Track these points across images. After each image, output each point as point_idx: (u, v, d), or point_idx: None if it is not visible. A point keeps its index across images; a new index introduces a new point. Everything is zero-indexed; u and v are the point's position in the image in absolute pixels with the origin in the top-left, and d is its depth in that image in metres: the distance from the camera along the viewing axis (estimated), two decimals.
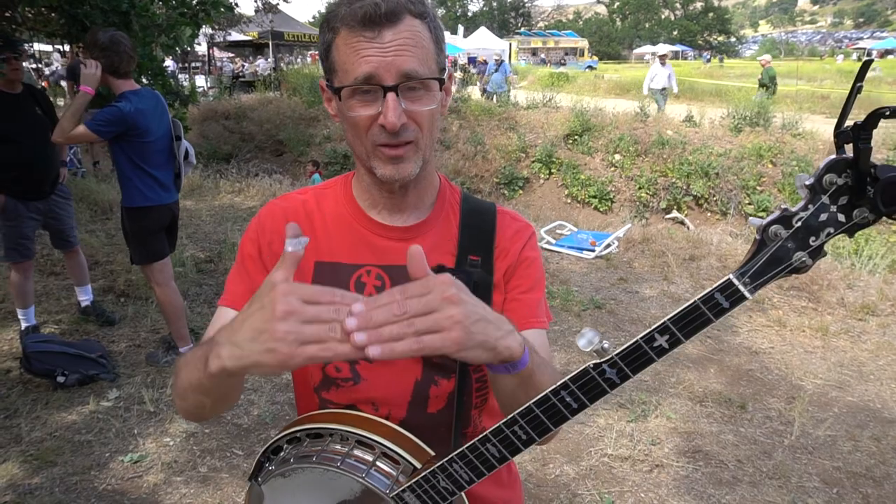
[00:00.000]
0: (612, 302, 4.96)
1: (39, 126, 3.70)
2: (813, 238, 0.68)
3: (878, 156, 10.39)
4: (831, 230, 0.67)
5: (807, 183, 0.68)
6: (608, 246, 6.24)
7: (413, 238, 1.00)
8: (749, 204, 10.01)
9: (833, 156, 0.67)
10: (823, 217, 0.67)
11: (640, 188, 10.64)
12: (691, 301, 0.70)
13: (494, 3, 72.08)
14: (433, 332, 0.68)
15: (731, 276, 0.69)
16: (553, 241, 6.49)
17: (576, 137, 11.65)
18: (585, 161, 11.30)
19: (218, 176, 9.08)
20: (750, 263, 0.69)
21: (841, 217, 0.67)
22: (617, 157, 11.15)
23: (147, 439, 3.06)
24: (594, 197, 10.69)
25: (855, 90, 0.67)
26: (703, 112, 12.84)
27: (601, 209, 10.63)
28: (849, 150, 0.66)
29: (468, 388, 1.01)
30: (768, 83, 14.22)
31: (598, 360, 0.76)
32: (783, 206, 0.69)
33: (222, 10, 5.09)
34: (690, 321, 0.70)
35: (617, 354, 0.74)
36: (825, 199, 0.67)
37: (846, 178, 0.66)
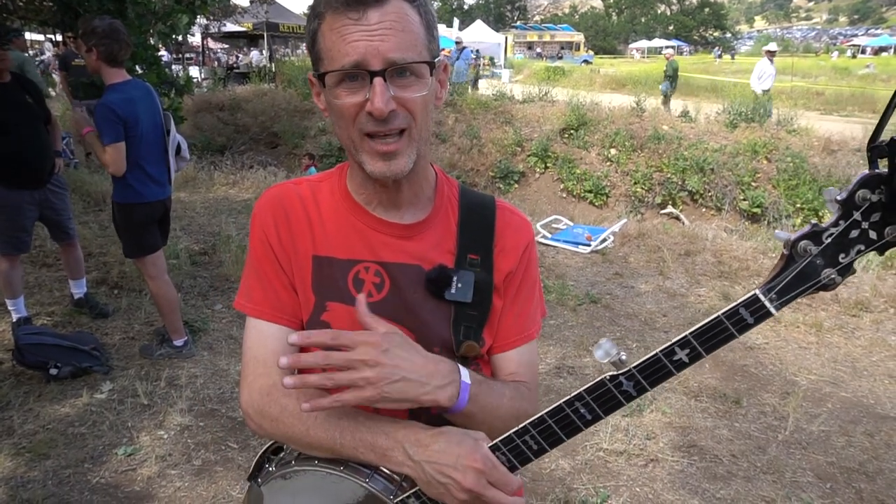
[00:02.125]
0: (608, 297, 4.96)
1: (29, 114, 3.65)
2: (843, 255, 0.66)
3: None
4: (862, 247, 0.65)
5: (838, 198, 0.66)
6: (604, 241, 6.24)
7: (413, 236, 0.98)
8: (744, 200, 10.04)
9: (867, 171, 0.65)
10: (854, 234, 0.66)
11: (635, 183, 10.64)
12: (714, 315, 0.69)
13: None
14: (350, 387, 0.79)
15: (756, 291, 0.67)
16: (549, 236, 6.48)
17: (572, 132, 11.64)
18: (581, 155, 11.29)
19: (212, 168, 9.02)
20: (778, 279, 0.67)
21: (873, 234, 0.65)
22: (613, 151, 11.15)
23: (141, 432, 3.04)
24: (590, 191, 10.68)
25: (893, 104, 0.65)
26: (699, 107, 12.85)
27: (597, 204, 10.63)
28: (883, 164, 0.64)
29: None
30: (672, 75, 15.84)
31: (615, 372, 0.75)
32: (813, 222, 0.68)
33: None
34: (713, 336, 0.69)
35: (635, 367, 0.74)
36: (857, 215, 0.65)
37: (880, 195, 0.64)
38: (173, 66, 17.30)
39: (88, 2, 4.28)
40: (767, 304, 0.67)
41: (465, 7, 69.80)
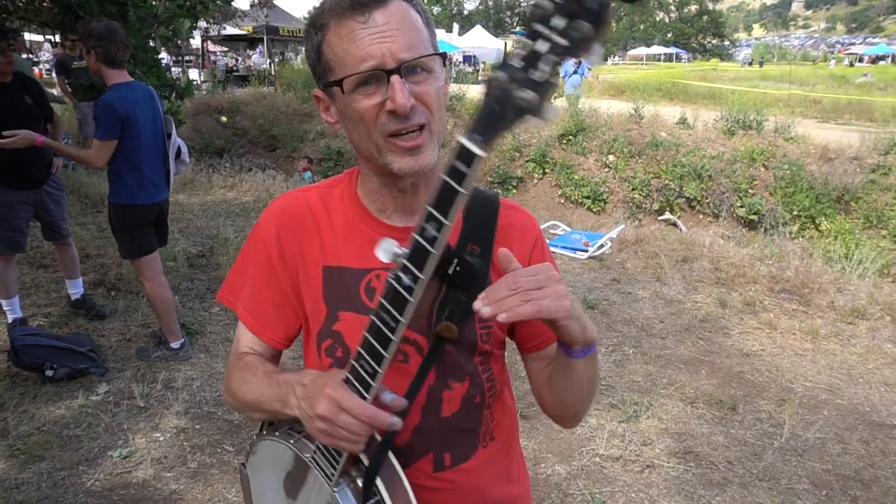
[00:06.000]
0: (605, 302, 4.97)
1: (29, 115, 3.65)
2: (534, 72, 0.59)
3: (870, 160, 10.49)
4: (553, 57, 0.58)
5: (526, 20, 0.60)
6: (601, 246, 6.25)
7: None
8: (741, 206, 10.07)
9: None
10: (543, 47, 0.59)
11: (633, 189, 10.67)
12: (440, 180, 0.68)
13: (490, 2, 72.07)
14: (547, 298, 0.79)
15: (460, 138, 0.65)
16: (546, 241, 6.49)
17: (570, 138, 11.66)
18: (579, 161, 11.32)
19: (210, 170, 9.02)
20: (479, 120, 0.64)
21: (561, 40, 0.58)
22: (611, 157, 11.18)
23: (136, 434, 3.03)
24: (588, 197, 10.70)
25: None
26: (697, 114, 12.90)
27: (594, 210, 10.65)
28: None
29: (480, 389, 1.00)
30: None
31: (394, 270, 0.75)
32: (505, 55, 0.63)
33: (219, 2, 5.05)
34: (444, 198, 0.68)
35: (404, 256, 0.74)
36: (538, 26, 0.58)
37: None
38: (173, 69, 17.32)
39: (89, 3, 4.28)
40: (472, 146, 0.64)
41: (465, 13, 70.03)
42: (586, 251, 6.12)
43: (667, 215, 10.21)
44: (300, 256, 0.99)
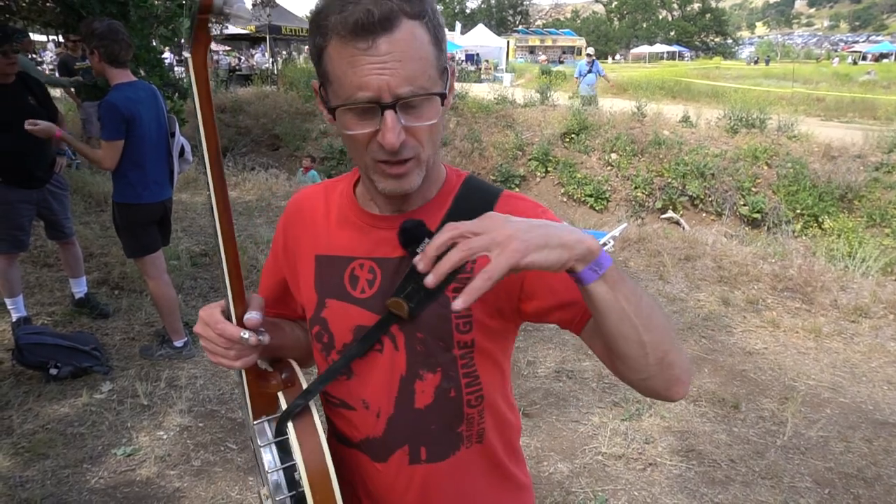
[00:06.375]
0: None
1: (33, 116, 3.66)
2: None
3: (873, 158, 10.46)
4: None
5: None
6: (604, 245, 6.24)
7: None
8: (744, 205, 10.06)
9: None
10: None
11: (636, 188, 10.67)
12: None
13: (493, 1, 72.00)
14: (491, 250, 0.70)
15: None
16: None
17: (573, 136, 11.66)
18: (582, 160, 11.32)
19: None
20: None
21: None
22: (613, 156, 11.18)
23: (140, 433, 3.05)
24: (590, 196, 10.70)
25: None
26: (700, 113, 12.88)
27: (597, 208, 10.65)
28: None
29: (456, 383, 0.96)
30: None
31: None
32: None
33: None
34: None
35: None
36: None
37: None
38: (176, 69, 17.34)
39: (91, 3, 4.30)
40: None
41: (468, 11, 69.97)
42: None
43: (669, 214, 10.20)
44: (298, 246, 1.05)
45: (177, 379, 3.50)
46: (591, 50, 14.08)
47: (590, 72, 13.23)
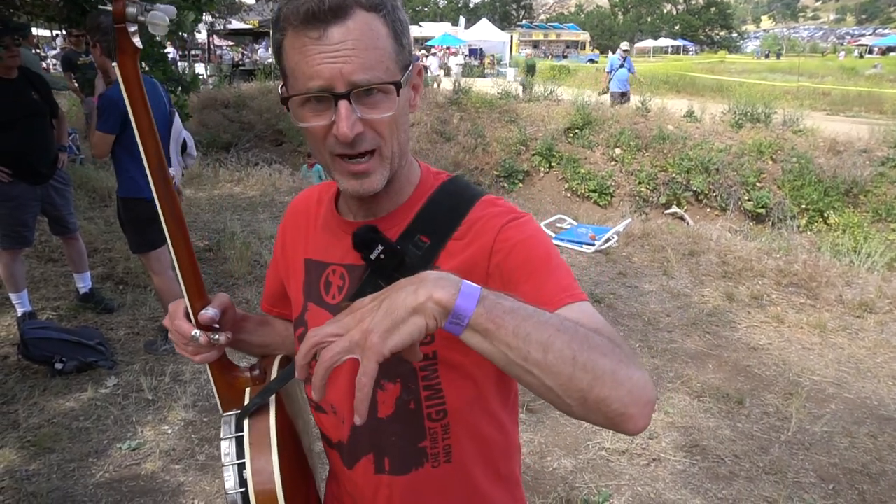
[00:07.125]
0: (612, 296, 4.96)
1: (35, 111, 3.67)
2: None
3: (879, 153, 10.40)
4: None
5: None
6: (608, 240, 6.24)
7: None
8: (748, 200, 10.03)
9: None
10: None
11: (640, 183, 10.64)
12: None
13: None
14: (354, 352, 0.66)
15: None
16: (553, 235, 6.48)
17: (576, 131, 11.63)
18: (586, 155, 11.29)
19: (217, 165, 9.04)
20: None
21: None
22: (617, 151, 11.14)
23: (145, 427, 3.06)
24: (594, 191, 10.68)
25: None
26: (704, 107, 12.82)
27: (601, 203, 10.63)
28: None
29: (415, 395, 0.91)
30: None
31: None
32: None
33: None
34: None
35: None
36: None
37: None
38: (179, 63, 17.34)
39: None
40: None
41: (471, 5, 69.76)
42: (593, 245, 6.11)
43: (674, 209, 10.17)
44: (295, 249, 1.06)
45: (181, 374, 3.51)
46: (625, 45, 13.66)
47: (622, 66, 12.94)
